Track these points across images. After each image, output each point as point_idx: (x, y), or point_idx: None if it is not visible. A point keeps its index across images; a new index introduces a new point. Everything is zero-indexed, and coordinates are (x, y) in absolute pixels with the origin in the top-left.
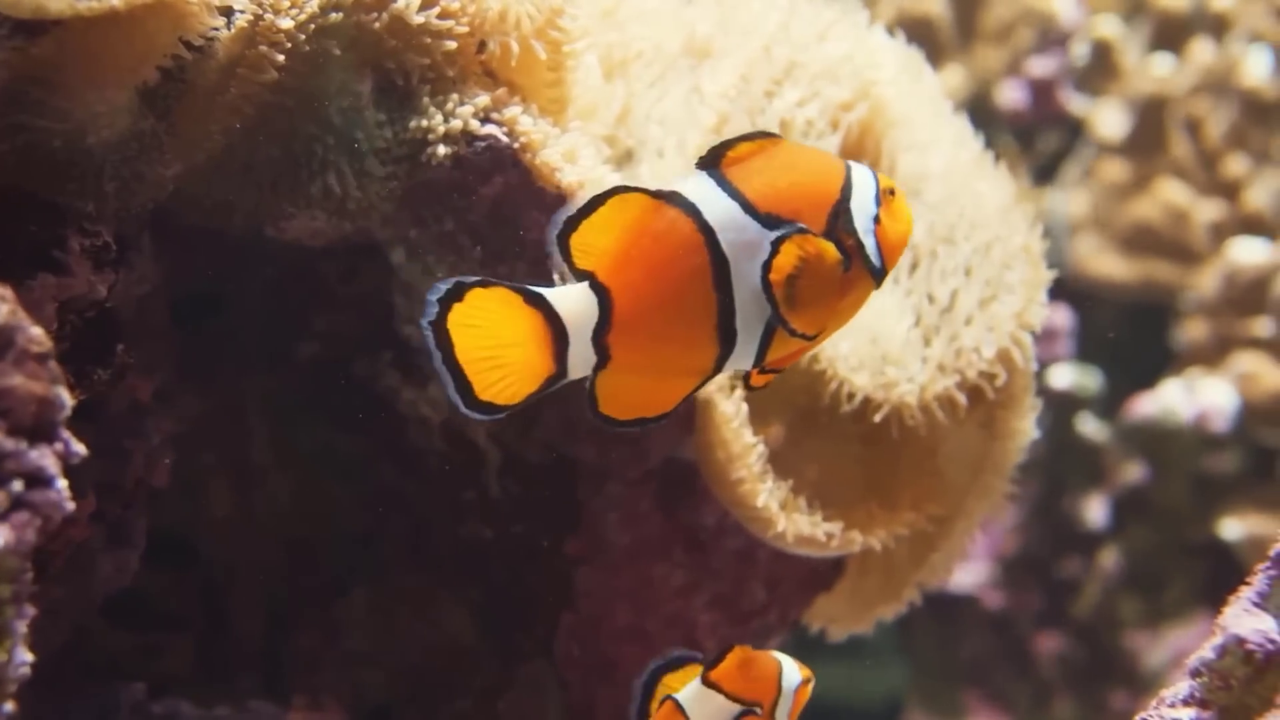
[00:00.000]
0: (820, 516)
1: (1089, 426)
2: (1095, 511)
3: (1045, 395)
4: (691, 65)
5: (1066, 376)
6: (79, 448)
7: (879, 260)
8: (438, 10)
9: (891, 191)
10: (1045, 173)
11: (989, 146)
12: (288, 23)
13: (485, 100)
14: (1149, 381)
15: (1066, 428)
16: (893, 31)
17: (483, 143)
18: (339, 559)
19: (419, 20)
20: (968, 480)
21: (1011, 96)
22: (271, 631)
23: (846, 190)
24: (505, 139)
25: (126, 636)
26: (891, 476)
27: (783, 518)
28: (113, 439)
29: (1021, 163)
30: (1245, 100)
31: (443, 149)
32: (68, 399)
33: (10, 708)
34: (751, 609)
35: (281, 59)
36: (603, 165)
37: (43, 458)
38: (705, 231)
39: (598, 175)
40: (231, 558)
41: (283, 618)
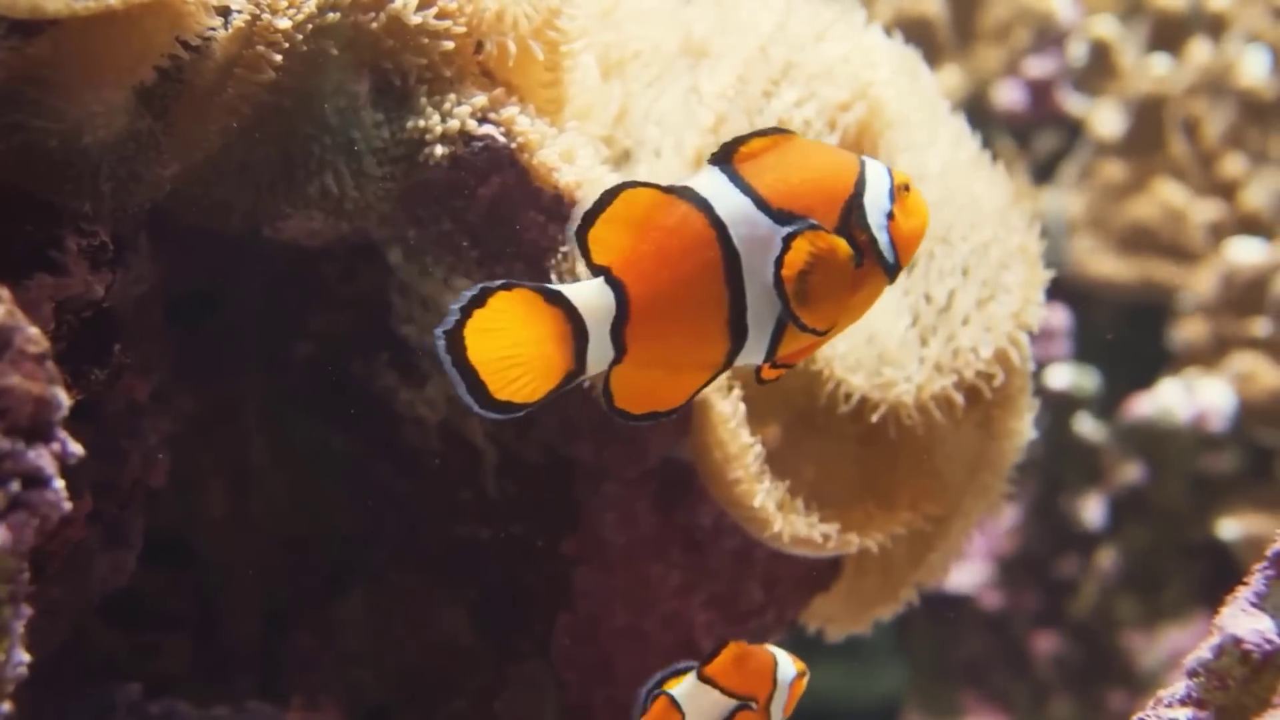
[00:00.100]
0: (817, 517)
1: (1086, 426)
2: (1093, 511)
3: (1043, 395)
4: (689, 65)
5: (1064, 376)
6: (76, 448)
7: (892, 256)
8: (435, 10)
9: (907, 187)
10: (1043, 173)
11: (986, 146)
12: (285, 23)
13: (482, 100)
14: (1147, 381)
15: (1064, 428)
16: (890, 31)
17: (480, 143)
18: (336, 559)
19: (416, 20)
20: (965, 480)
21: (1009, 96)
22: (268, 631)
23: (860, 186)
24: (502, 139)
25: (123, 636)
26: (889, 477)
27: (779, 518)
28: (110, 439)
29: (1019, 163)
30: (1243, 100)
31: (440, 149)
32: (65, 399)
33: (8, 708)
34: (749, 609)
35: (279, 59)
36: (600, 165)
37: (40, 458)
38: (717, 226)
39: (595, 175)
40: (228, 558)
41: (280, 618)
